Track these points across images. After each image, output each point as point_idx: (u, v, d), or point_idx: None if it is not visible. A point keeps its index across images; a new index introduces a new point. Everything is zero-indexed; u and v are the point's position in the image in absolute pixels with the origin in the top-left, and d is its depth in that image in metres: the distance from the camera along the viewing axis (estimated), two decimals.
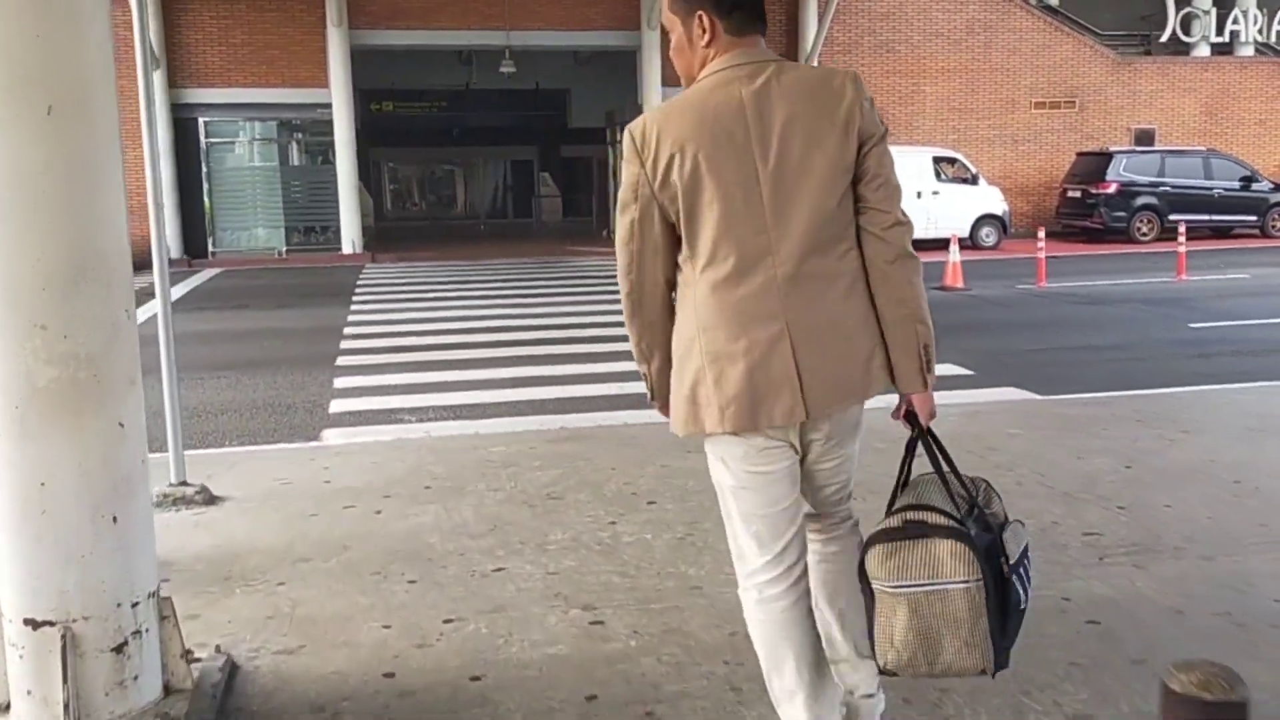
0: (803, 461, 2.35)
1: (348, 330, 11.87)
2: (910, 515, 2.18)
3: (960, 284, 14.37)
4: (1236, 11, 23.40)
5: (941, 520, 2.14)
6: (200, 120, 20.28)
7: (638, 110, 21.65)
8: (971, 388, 8.26)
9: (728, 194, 2.16)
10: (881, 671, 2.26)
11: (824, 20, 7.03)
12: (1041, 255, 14.76)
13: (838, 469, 2.42)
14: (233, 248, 20.72)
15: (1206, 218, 20.76)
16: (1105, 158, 20.69)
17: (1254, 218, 20.78)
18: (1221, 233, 21.12)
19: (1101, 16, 24.05)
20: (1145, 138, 23.01)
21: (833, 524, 2.49)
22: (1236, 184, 20.76)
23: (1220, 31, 23.37)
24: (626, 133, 2.28)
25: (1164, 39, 23.43)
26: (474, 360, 9.83)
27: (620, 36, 21.70)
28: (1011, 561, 2.16)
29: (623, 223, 2.30)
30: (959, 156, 20.16)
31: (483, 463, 5.80)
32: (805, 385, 2.18)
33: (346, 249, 20.36)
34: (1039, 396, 7.86)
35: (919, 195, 19.51)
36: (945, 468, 2.30)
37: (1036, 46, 22.52)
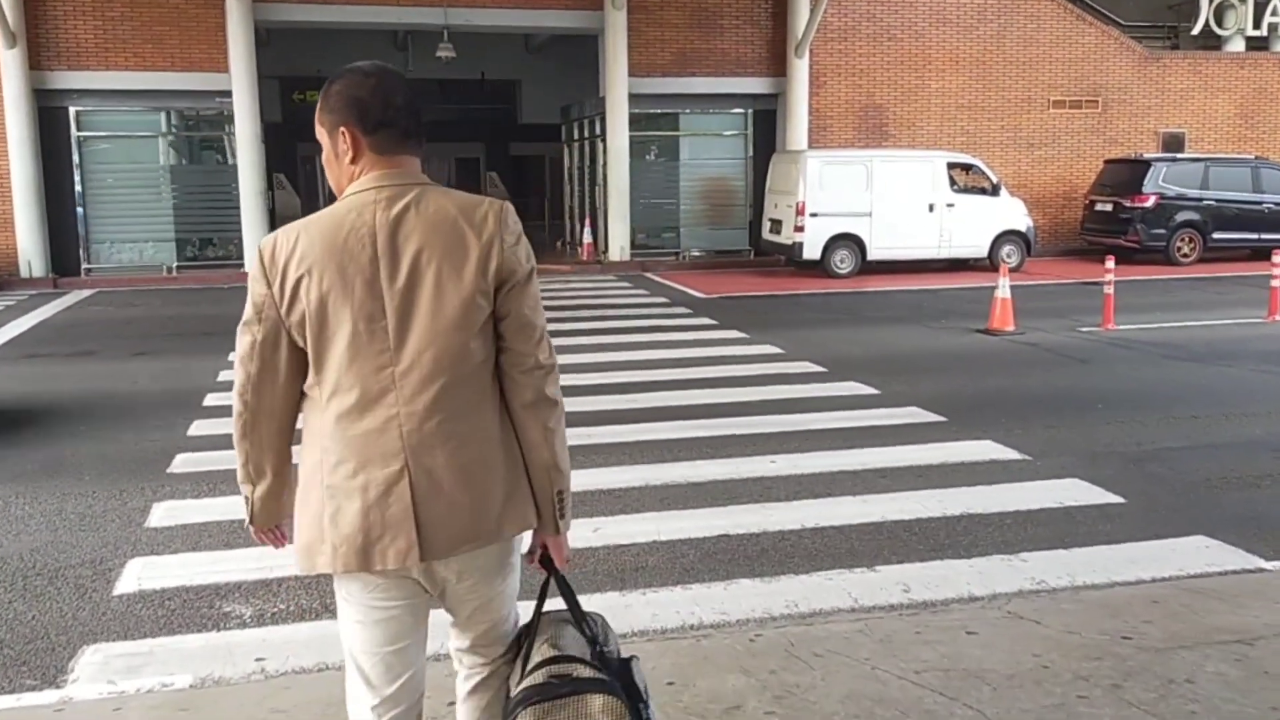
0: (444, 598, 2.24)
1: (211, 399, 8.63)
2: (556, 669, 2.14)
3: (1011, 326, 11.43)
4: (1276, 3, 20.73)
5: (588, 673, 2.13)
6: (71, 109, 16.79)
7: (599, 105, 18.52)
8: (1138, 534, 5.24)
9: (354, 324, 2.05)
10: None
11: (817, 3, 4.00)
12: (1109, 289, 11.82)
13: (480, 610, 2.28)
14: (112, 264, 17.27)
15: (1255, 236, 18.09)
16: (1141, 166, 17.90)
17: None
18: (1261, 254, 18.44)
19: (1125, 5, 21.30)
20: (1174, 142, 20.31)
21: (477, 667, 2.38)
22: None
23: (1258, 24, 20.73)
24: (257, 250, 2.13)
25: (1195, 31, 20.74)
26: None
27: (579, 17, 18.57)
28: (645, 703, 2.19)
29: (243, 341, 2.13)
30: (977, 163, 17.26)
31: None
32: (422, 528, 2.05)
33: (251, 265, 16.96)
34: (1271, 565, 4.92)
35: (931, 208, 16.61)
36: (573, 609, 2.29)
37: (1056, 37, 19.71)
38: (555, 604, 2.41)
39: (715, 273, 17.88)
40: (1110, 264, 12.02)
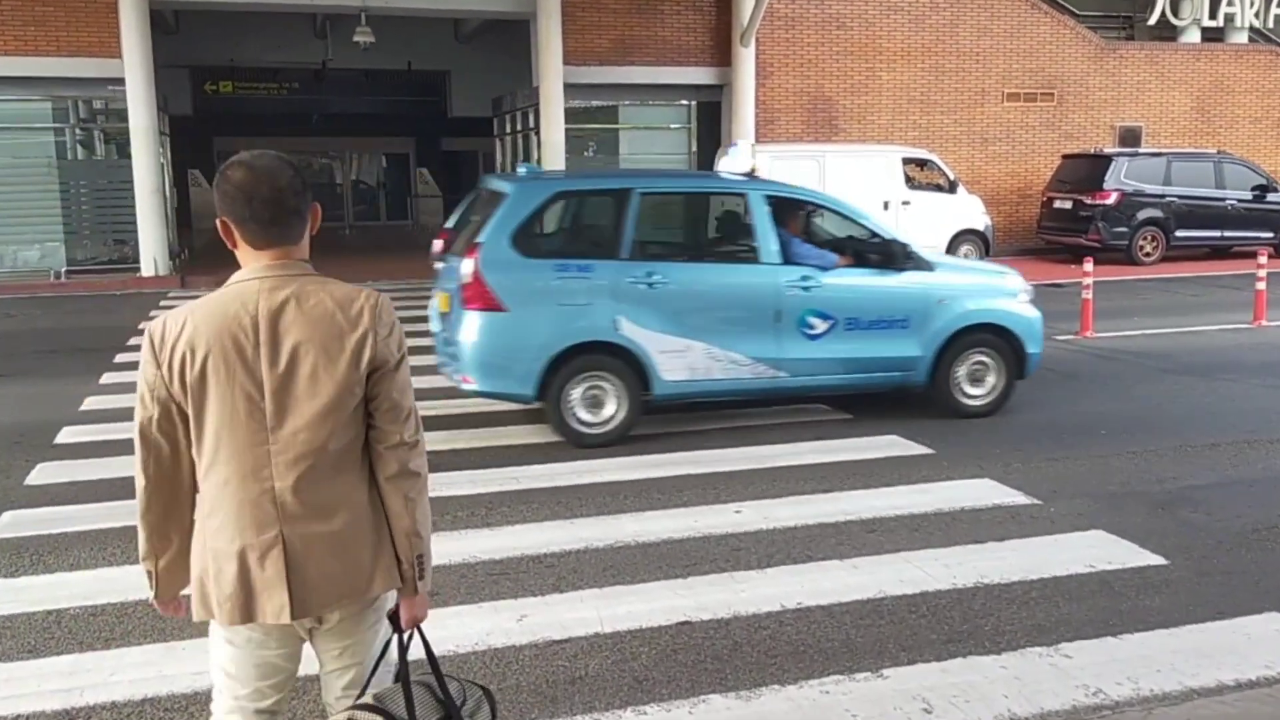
0: (314, 642, 2.37)
1: (66, 434, 7.26)
2: (355, 715, 2.25)
3: None
4: None
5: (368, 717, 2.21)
6: None
7: (532, 97, 17.28)
8: (1196, 610, 4.17)
9: (233, 404, 2.16)
10: None
11: None
12: (1087, 293, 10.86)
13: (347, 654, 2.39)
14: None
15: (1217, 234, 17.40)
16: (1101, 161, 17.10)
17: (1270, 234, 17.43)
18: (1221, 252, 17.82)
19: None
20: (1131, 136, 19.59)
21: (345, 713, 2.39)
22: (1249, 194, 17.41)
23: (1214, 15, 20.10)
24: (146, 332, 2.23)
25: (1151, 22, 20.06)
26: None
27: (509, 1, 17.28)
28: None
29: (140, 419, 2.24)
30: (933, 158, 16.31)
31: None
32: (294, 590, 2.19)
33: (147, 270, 15.45)
34: None
35: (885, 206, 15.59)
36: (429, 672, 2.36)
37: (1010, 27, 18.87)
38: None
39: None
40: (1089, 265, 11.06)
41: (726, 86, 17.68)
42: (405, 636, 2.33)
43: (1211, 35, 20.68)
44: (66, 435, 7.28)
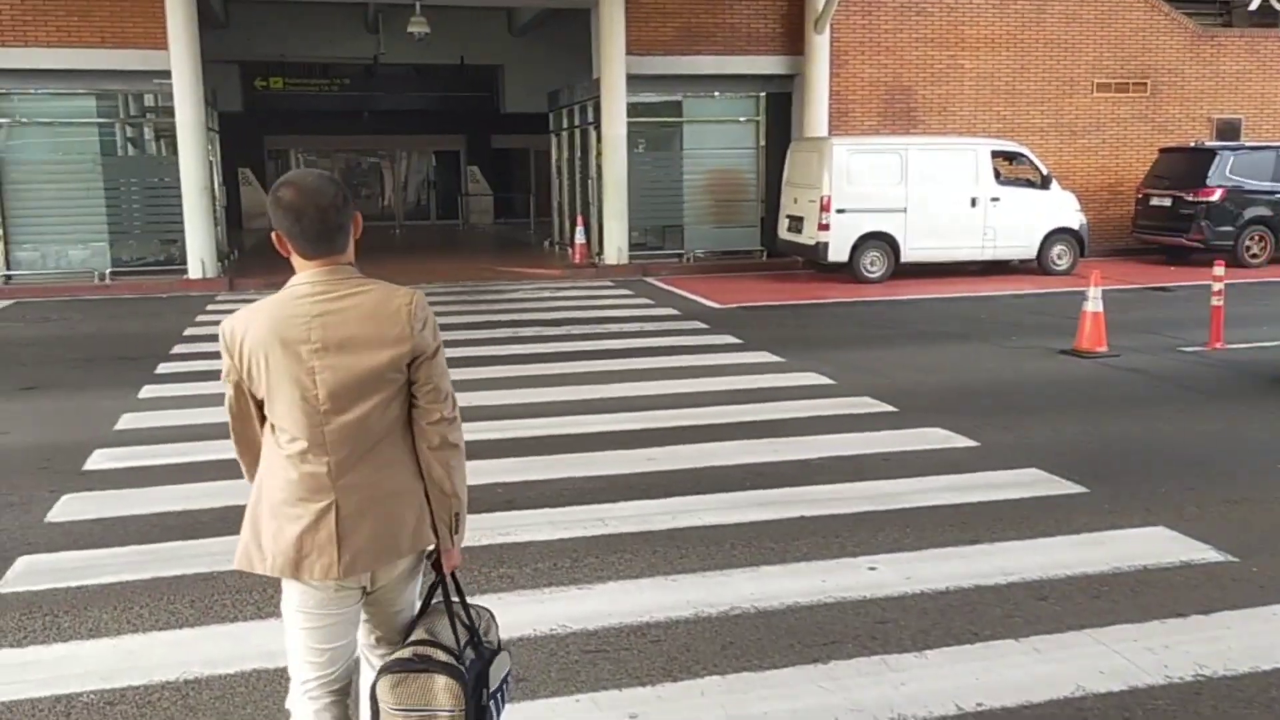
0: (366, 597, 2.64)
1: (97, 459, 6.52)
2: (420, 650, 2.55)
3: (1103, 345, 9.39)
4: None
5: (443, 658, 2.53)
6: None
7: (592, 89, 16.45)
8: None
9: (291, 393, 2.46)
10: None
11: None
12: (1218, 299, 9.77)
13: (389, 604, 2.69)
14: (36, 270, 15.02)
15: None
16: (1203, 156, 15.89)
17: None
18: None
19: None
20: (1229, 129, 18.32)
21: (382, 658, 2.68)
22: None
23: None
24: (220, 329, 2.54)
25: (1252, 7, 18.76)
26: None
27: None
28: (491, 689, 2.64)
29: (226, 391, 2.58)
30: (1025, 151, 15.21)
31: None
32: (342, 552, 2.48)
33: (194, 272, 14.79)
34: None
35: (973, 203, 14.56)
36: (457, 602, 2.68)
37: (1100, 14, 17.68)
38: None
39: (725, 277, 15.79)
40: (1219, 269, 9.95)
41: (798, 76, 16.69)
42: (448, 578, 2.67)
43: None
44: (98, 459, 6.53)
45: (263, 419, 2.56)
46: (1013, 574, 4.62)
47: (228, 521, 5.40)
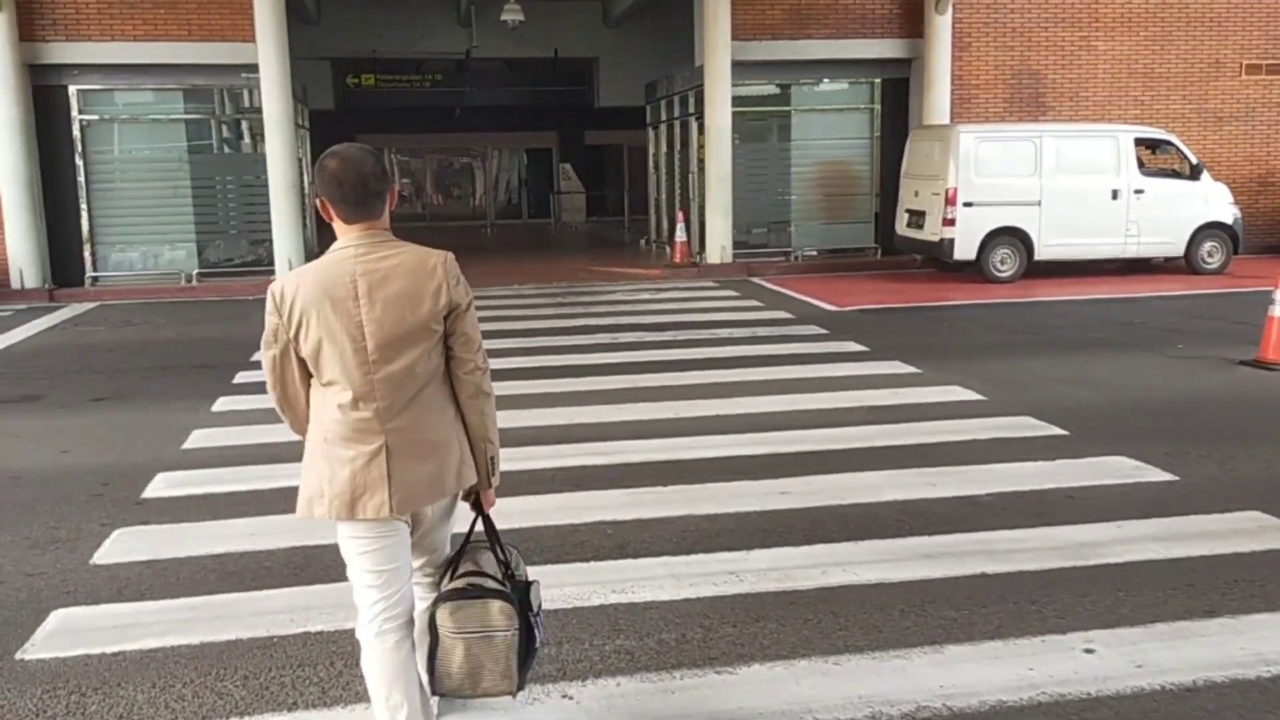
0: (413, 528, 2.90)
1: (159, 484, 5.81)
2: (472, 580, 2.84)
3: None
4: None
5: (494, 585, 2.84)
6: (71, 88, 14.18)
7: (694, 77, 15.54)
8: None
9: (341, 346, 2.66)
10: (435, 693, 2.89)
11: None
12: None
13: (433, 535, 2.97)
14: (123, 270, 14.64)
15: None
16: None
17: None
18: None
19: None
20: None
21: (423, 580, 3.02)
22: None
23: None
24: (269, 291, 2.72)
25: None
26: None
27: None
28: (535, 613, 2.93)
29: (267, 356, 2.77)
30: (1172, 139, 13.83)
31: None
32: (393, 490, 2.70)
33: (282, 272, 14.25)
34: None
35: (1115, 195, 13.25)
36: (494, 540, 2.98)
37: None
38: None
39: (838, 277, 14.71)
40: None
41: (917, 60, 15.50)
42: (484, 517, 2.97)
43: None
44: (159, 485, 5.82)
45: (305, 377, 2.76)
46: (1275, 664, 3.56)
47: (293, 568, 4.61)
